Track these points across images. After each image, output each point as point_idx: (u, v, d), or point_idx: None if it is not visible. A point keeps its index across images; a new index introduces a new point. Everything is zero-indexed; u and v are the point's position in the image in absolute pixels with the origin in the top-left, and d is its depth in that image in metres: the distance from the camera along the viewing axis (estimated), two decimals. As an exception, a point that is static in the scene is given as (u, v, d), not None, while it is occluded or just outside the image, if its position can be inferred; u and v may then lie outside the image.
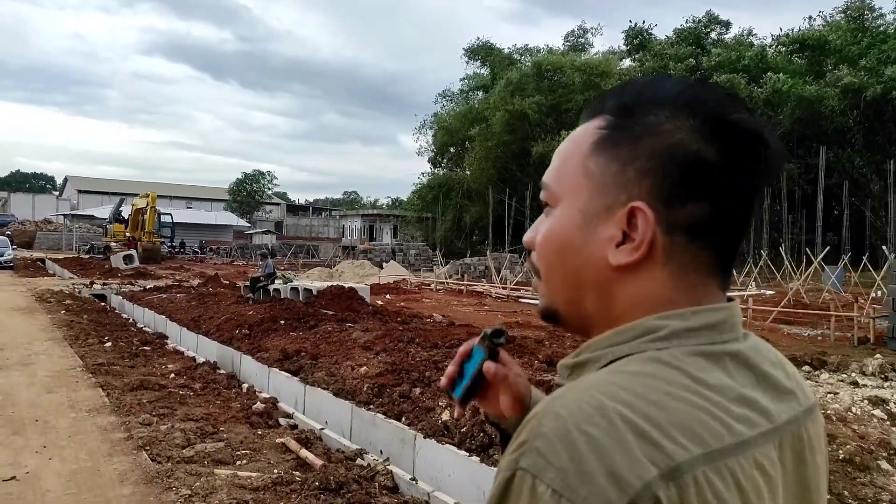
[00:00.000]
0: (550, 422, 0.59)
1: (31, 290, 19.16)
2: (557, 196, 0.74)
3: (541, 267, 0.76)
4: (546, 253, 0.74)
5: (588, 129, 0.75)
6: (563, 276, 0.73)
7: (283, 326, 10.97)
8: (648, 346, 0.67)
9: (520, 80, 39.53)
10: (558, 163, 0.76)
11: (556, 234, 0.73)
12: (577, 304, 0.73)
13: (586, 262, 0.71)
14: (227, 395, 7.28)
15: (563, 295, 0.74)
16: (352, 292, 12.99)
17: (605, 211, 0.70)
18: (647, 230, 0.67)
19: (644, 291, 0.69)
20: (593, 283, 0.71)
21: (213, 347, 10.84)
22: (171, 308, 15.43)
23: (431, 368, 7.66)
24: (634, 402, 0.60)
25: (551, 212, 0.75)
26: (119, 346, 10.19)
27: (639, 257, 0.68)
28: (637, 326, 0.68)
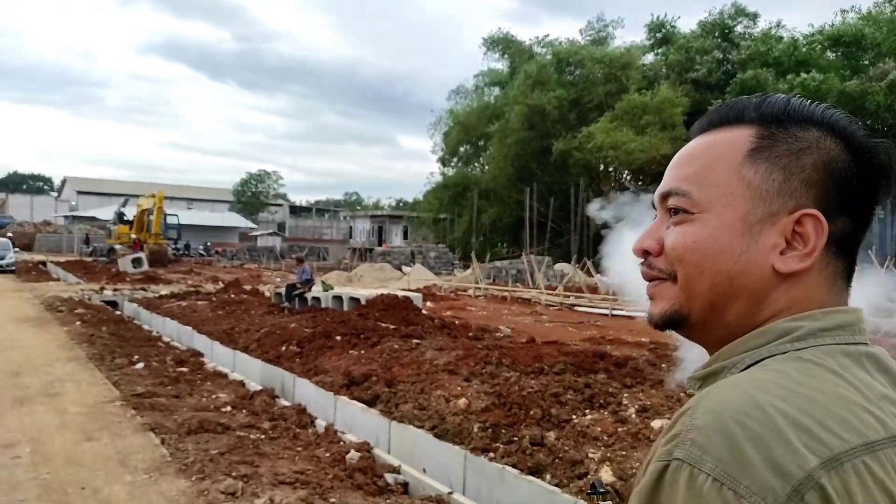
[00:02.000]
0: (704, 415, 0.60)
1: (37, 296, 17.69)
2: (703, 203, 0.74)
3: (682, 272, 0.75)
4: (694, 258, 0.74)
5: (735, 137, 0.75)
6: (713, 283, 0.73)
7: (340, 343, 9.51)
8: (787, 347, 0.68)
9: (539, 73, 38.03)
10: (696, 169, 0.76)
11: (709, 240, 0.73)
12: (721, 309, 0.74)
13: (745, 268, 0.72)
14: (305, 438, 5.83)
15: (706, 301, 0.74)
16: (407, 302, 11.53)
17: (769, 218, 0.72)
18: (819, 238, 0.70)
19: (799, 297, 0.71)
20: (750, 289, 0.72)
21: (255, 367, 9.43)
22: (195, 318, 14.00)
23: (553, 403, 6.22)
24: (787, 396, 0.61)
25: (694, 218, 0.75)
26: (152, 366, 8.74)
27: (810, 264, 0.70)
28: (771, 330, 0.70)
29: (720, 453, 0.58)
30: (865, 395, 0.64)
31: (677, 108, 35.48)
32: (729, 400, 0.61)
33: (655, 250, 0.78)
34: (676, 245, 0.76)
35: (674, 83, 38.27)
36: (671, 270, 0.77)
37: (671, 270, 0.77)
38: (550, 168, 39.68)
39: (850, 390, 0.64)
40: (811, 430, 0.59)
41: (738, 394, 0.62)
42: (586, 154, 35.52)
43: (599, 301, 16.51)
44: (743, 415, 0.59)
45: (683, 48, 39.99)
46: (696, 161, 0.77)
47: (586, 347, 8.90)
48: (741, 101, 0.79)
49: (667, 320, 0.78)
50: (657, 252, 0.78)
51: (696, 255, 0.74)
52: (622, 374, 7.36)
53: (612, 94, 37.93)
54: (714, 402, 0.62)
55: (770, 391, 0.61)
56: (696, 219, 0.75)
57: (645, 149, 33.78)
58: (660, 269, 0.78)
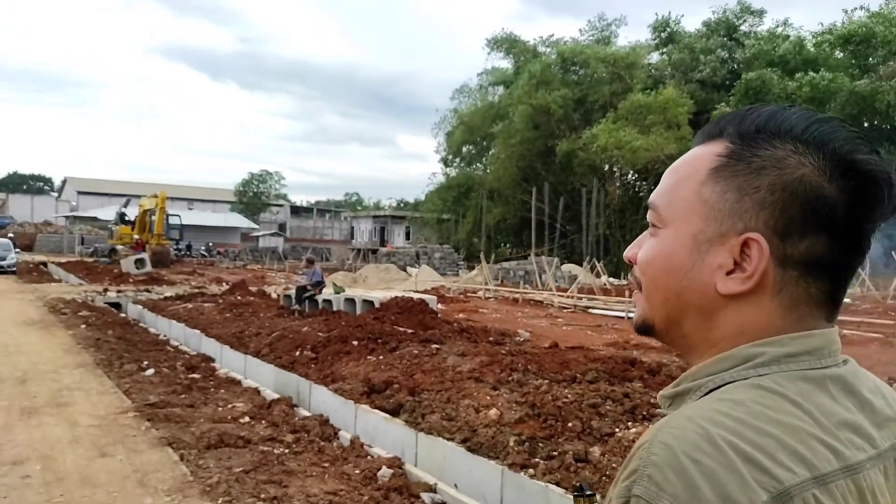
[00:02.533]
0: (660, 451, 0.61)
1: (40, 298, 17.36)
2: (666, 218, 0.76)
3: (643, 283, 0.78)
4: (651, 272, 0.76)
5: (705, 153, 0.75)
6: (666, 296, 0.75)
7: (357, 348, 9.17)
8: (749, 373, 0.68)
9: (543, 73, 37.67)
10: (670, 184, 0.77)
11: (664, 255, 0.75)
12: (677, 323, 0.75)
13: (692, 285, 0.73)
14: (331, 452, 5.50)
15: (663, 313, 0.76)
16: (422, 305, 11.19)
17: (718, 238, 0.71)
18: (760, 262, 0.69)
19: (750, 320, 0.71)
20: (697, 306, 0.73)
21: (267, 373, 9.11)
22: (202, 321, 13.65)
23: (592, 414, 5.88)
24: (740, 429, 0.61)
25: (657, 232, 0.76)
26: (163, 372, 8.41)
27: (749, 287, 0.70)
28: (735, 355, 0.70)
29: (675, 490, 0.59)
30: (821, 424, 0.64)
31: (682, 107, 35.21)
32: (684, 435, 0.62)
33: (633, 260, 0.80)
34: (640, 258, 0.78)
35: (679, 83, 37.99)
36: (640, 280, 0.79)
37: (640, 280, 0.79)
38: (555, 168, 39.34)
39: (806, 420, 0.64)
40: (762, 465, 0.59)
41: (691, 427, 0.62)
42: (591, 154, 35.22)
43: (614, 303, 16.17)
44: (696, 450, 0.60)
45: (688, 47, 39.68)
46: (673, 175, 0.78)
47: (613, 353, 8.57)
48: (730, 114, 0.78)
49: (639, 327, 0.81)
50: (635, 261, 0.80)
51: (652, 269, 0.76)
52: (657, 382, 7.03)
53: (617, 94, 37.63)
54: (669, 437, 0.62)
55: (723, 424, 0.62)
56: (659, 234, 0.76)
57: (650, 148, 33.49)
58: (635, 278, 0.80)
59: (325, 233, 79.00)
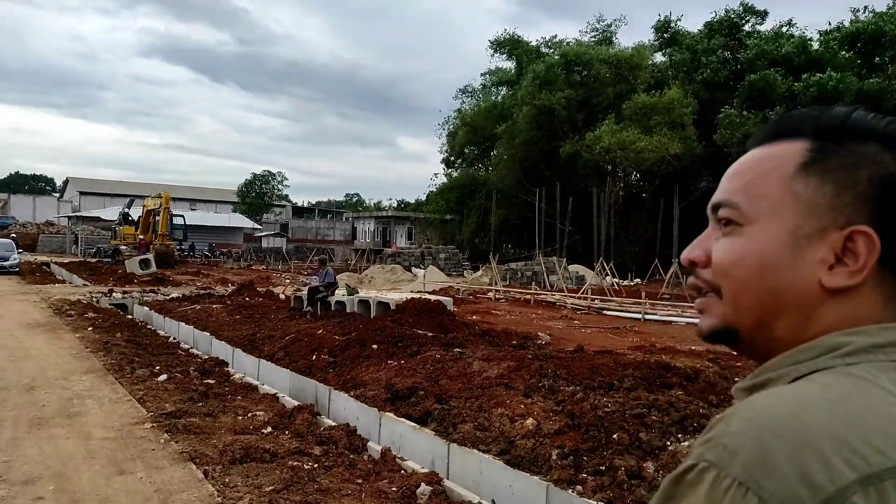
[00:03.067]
0: (740, 422, 0.59)
1: (44, 299, 17.03)
2: (751, 215, 0.73)
3: (726, 286, 0.74)
4: (740, 273, 0.73)
5: (785, 150, 0.74)
6: (760, 298, 0.72)
7: (377, 352, 8.85)
8: (836, 362, 0.66)
9: (547, 74, 37.31)
10: (745, 182, 0.76)
11: (756, 253, 0.72)
12: (769, 325, 0.72)
13: (791, 283, 0.70)
14: (363, 467, 5.16)
15: (753, 316, 0.73)
16: (440, 307, 10.85)
17: (817, 233, 0.70)
18: (870, 255, 0.68)
19: (850, 315, 0.69)
20: (796, 305, 0.70)
21: (283, 378, 8.79)
22: (212, 323, 13.35)
23: (638, 426, 5.54)
24: (829, 409, 0.58)
25: (739, 230, 0.74)
26: (176, 378, 8.07)
27: (860, 280, 0.68)
28: (821, 344, 0.67)
29: (750, 459, 0.56)
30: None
31: (687, 108, 34.90)
32: (767, 409, 0.60)
33: (702, 262, 0.77)
34: (722, 259, 0.74)
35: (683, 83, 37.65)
36: (715, 284, 0.75)
37: (715, 284, 0.75)
38: (559, 169, 38.96)
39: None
40: (851, 445, 0.55)
41: (777, 403, 0.60)
42: (595, 155, 34.88)
43: (630, 305, 15.83)
44: (779, 425, 0.57)
45: (689, 48, 39.32)
46: (747, 173, 0.76)
47: (644, 358, 8.23)
48: (798, 113, 0.78)
49: (715, 336, 0.77)
50: (704, 264, 0.77)
51: (741, 271, 0.73)
52: (697, 389, 6.69)
53: (621, 95, 37.30)
54: (752, 411, 0.60)
55: (812, 403, 0.59)
56: (742, 231, 0.74)
57: (655, 148, 33.16)
58: (705, 282, 0.77)
59: (327, 233, 78.74)
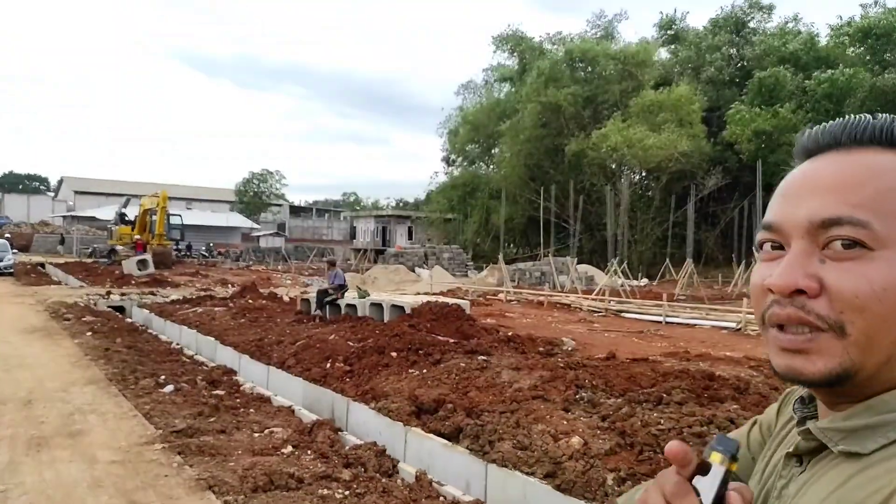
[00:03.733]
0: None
1: (40, 301, 16.46)
2: (884, 237, 0.63)
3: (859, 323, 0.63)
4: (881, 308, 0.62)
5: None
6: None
7: (397, 360, 8.32)
8: None
9: (552, 71, 36.83)
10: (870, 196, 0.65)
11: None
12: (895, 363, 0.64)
13: None
14: (399, 494, 4.64)
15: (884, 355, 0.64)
16: (459, 311, 10.32)
17: None
18: None
19: None
20: None
21: (295, 387, 8.29)
22: (216, 327, 12.80)
23: (700, 445, 5.04)
24: None
25: (868, 256, 0.63)
26: (184, 389, 7.54)
27: None
28: None
29: None
30: None
31: (695, 104, 34.50)
32: None
33: (814, 291, 0.65)
34: (860, 291, 0.63)
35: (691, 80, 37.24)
36: (837, 320, 0.64)
37: (837, 320, 0.64)
38: (564, 167, 38.48)
39: None
40: None
41: None
42: (601, 154, 34.42)
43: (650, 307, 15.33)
44: None
45: (694, 45, 38.90)
46: (865, 186, 0.65)
47: (683, 366, 7.72)
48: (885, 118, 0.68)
49: (832, 380, 0.65)
50: (815, 293, 0.65)
51: (883, 306, 0.62)
52: (751, 402, 6.18)
53: (627, 92, 36.86)
54: None
55: None
56: (876, 257, 0.63)
57: (663, 146, 32.74)
58: (818, 317, 0.65)
59: (325, 233, 78.20)
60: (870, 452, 0.63)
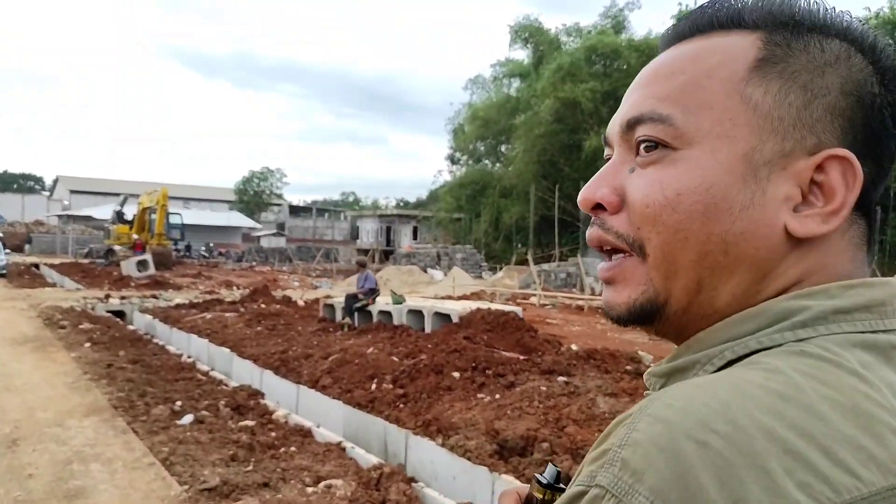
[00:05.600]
0: (650, 426, 0.41)
1: (33, 306, 15.03)
2: (689, 133, 0.52)
3: (656, 238, 0.52)
4: (677, 217, 0.51)
5: (735, 43, 0.54)
6: (702, 253, 0.51)
7: (460, 382, 6.93)
8: (786, 337, 0.48)
9: (571, 65, 35.51)
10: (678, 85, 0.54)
11: (701, 188, 0.51)
12: (711, 291, 0.52)
13: (747, 230, 0.51)
14: None
15: (691, 280, 0.52)
16: (517, 321, 8.93)
17: (780, 159, 0.51)
18: (849, 189, 0.51)
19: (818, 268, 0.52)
20: (752, 260, 0.51)
21: (334, 413, 6.94)
22: (230, 337, 11.41)
23: None
24: (778, 407, 0.41)
25: (673, 156, 0.53)
26: (205, 419, 6.14)
27: (836, 226, 0.51)
28: (765, 311, 0.50)
29: (662, 484, 0.38)
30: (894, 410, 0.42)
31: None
32: (689, 407, 0.41)
33: (613, 204, 0.55)
34: (650, 198, 0.53)
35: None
36: (636, 238, 0.54)
37: (636, 238, 0.54)
38: (579, 164, 37.14)
39: (874, 400, 0.42)
40: (810, 462, 0.39)
41: (704, 398, 0.42)
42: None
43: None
44: (706, 429, 0.39)
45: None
46: (677, 75, 0.54)
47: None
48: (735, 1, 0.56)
49: (636, 313, 0.55)
50: (615, 207, 0.55)
51: (680, 214, 0.51)
52: None
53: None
54: (667, 409, 0.42)
55: (754, 398, 0.41)
56: (678, 158, 0.52)
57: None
58: (618, 235, 0.55)
59: (325, 233, 76.81)
60: None
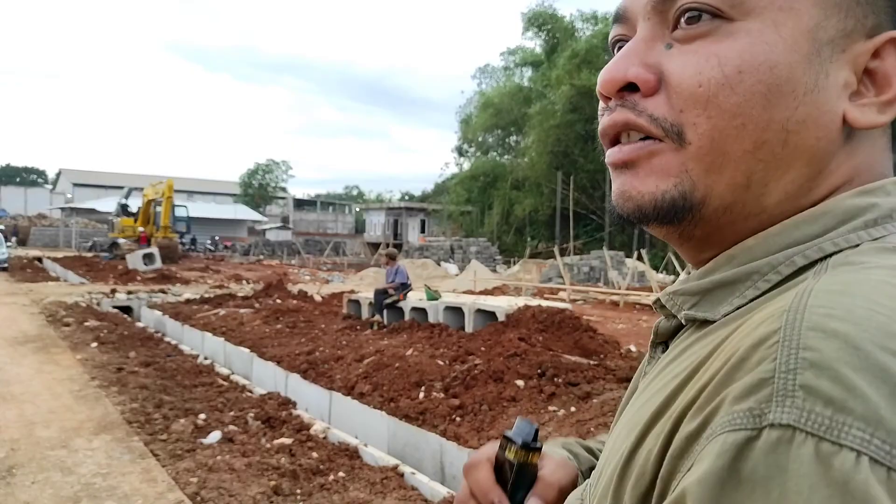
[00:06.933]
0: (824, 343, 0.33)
1: (35, 301, 14.17)
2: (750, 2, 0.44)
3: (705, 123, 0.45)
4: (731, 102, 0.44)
5: None
6: (759, 143, 0.44)
7: (525, 391, 6.02)
8: (861, 237, 0.43)
9: (587, 52, 34.52)
10: None
11: (763, 66, 0.43)
12: (761, 188, 0.45)
13: (811, 117, 0.44)
14: None
15: (740, 174, 0.45)
16: (573, 319, 8.02)
17: (841, 39, 0.45)
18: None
19: (866, 165, 0.47)
20: (811, 152, 0.45)
21: (375, 424, 6.05)
22: (248, 335, 10.52)
23: None
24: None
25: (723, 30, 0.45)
26: (235, 437, 5.25)
27: (893, 117, 0.46)
28: (831, 210, 0.44)
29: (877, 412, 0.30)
30: None
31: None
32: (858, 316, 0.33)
33: (649, 84, 0.46)
34: (705, 77, 0.44)
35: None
36: (676, 122, 0.45)
37: (676, 122, 0.45)
38: (595, 155, 36.21)
39: None
40: None
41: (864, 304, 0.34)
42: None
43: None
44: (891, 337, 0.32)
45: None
46: None
47: None
48: None
49: (664, 208, 0.46)
50: (652, 88, 0.46)
51: (737, 96, 0.43)
52: None
53: None
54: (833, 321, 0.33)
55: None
56: (735, 31, 0.44)
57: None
58: (652, 119, 0.46)
59: (330, 226, 75.99)
60: (721, 318, 0.44)
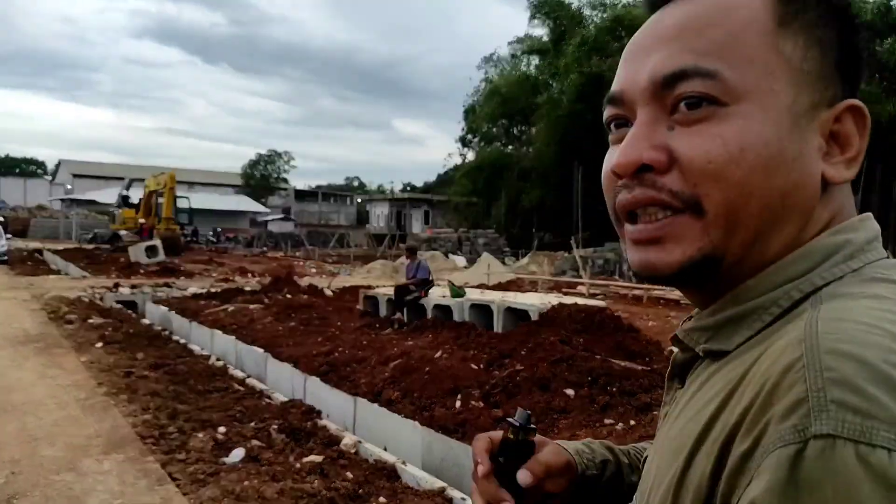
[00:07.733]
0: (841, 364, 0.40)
1: (36, 297, 13.63)
2: (738, 88, 0.51)
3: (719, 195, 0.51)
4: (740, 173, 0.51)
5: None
6: (764, 206, 0.52)
7: (576, 401, 5.49)
8: (843, 269, 0.51)
9: (596, 39, 33.81)
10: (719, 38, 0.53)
11: (759, 144, 0.51)
12: (765, 241, 0.53)
13: (799, 180, 0.52)
14: None
15: (750, 233, 0.52)
16: (613, 319, 7.49)
17: (811, 110, 0.53)
18: (863, 137, 0.54)
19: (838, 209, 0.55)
20: (802, 208, 0.53)
21: (406, 433, 5.53)
22: (261, 333, 10.01)
23: None
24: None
25: (720, 114, 0.51)
26: (260, 454, 4.73)
27: (856, 171, 0.54)
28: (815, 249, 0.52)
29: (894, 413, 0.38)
30: None
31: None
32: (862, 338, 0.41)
33: (663, 163, 0.53)
34: (713, 156, 0.51)
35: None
36: (693, 195, 0.52)
37: (693, 195, 0.52)
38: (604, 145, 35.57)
39: None
40: None
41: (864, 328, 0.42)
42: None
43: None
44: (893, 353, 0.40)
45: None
46: (711, 29, 0.53)
47: None
48: None
49: (692, 271, 0.53)
50: (665, 166, 0.53)
51: (742, 170, 0.51)
52: None
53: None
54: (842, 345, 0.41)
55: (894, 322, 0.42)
56: (730, 114, 0.51)
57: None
58: (671, 194, 0.53)
59: (331, 217, 75.44)
60: (735, 348, 0.52)
